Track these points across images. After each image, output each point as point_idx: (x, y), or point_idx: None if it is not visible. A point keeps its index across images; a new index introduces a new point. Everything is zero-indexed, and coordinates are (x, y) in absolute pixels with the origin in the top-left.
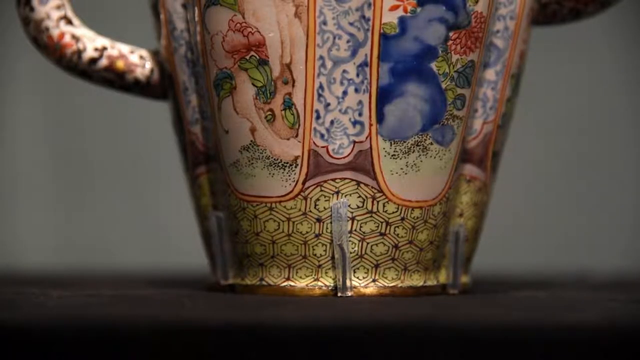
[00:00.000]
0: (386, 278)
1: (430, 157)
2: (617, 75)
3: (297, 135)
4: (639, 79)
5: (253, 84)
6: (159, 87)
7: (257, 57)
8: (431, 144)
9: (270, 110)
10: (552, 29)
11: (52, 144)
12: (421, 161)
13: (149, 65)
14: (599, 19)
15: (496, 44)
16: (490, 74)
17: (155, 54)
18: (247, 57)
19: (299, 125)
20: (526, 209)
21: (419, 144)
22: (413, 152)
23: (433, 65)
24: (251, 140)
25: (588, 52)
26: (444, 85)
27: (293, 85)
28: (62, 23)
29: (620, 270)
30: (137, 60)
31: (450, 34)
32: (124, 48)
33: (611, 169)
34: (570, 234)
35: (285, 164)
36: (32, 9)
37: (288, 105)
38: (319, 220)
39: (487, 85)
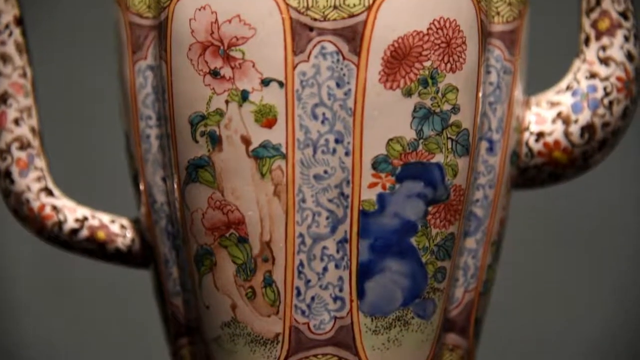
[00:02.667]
0: None
1: (412, 331)
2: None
3: (277, 312)
4: None
5: (233, 261)
6: (141, 256)
7: (237, 234)
8: (412, 318)
9: (251, 287)
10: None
11: None
12: (403, 336)
13: (130, 234)
14: None
15: (476, 213)
16: (470, 243)
17: (136, 223)
18: (227, 235)
19: (280, 302)
20: None
21: (400, 318)
22: (394, 327)
23: (413, 240)
24: (232, 317)
25: None
26: (424, 260)
27: (273, 263)
28: (43, 195)
29: None
30: (118, 229)
31: (430, 208)
32: (105, 218)
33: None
34: None
35: (266, 341)
36: (12, 182)
37: (268, 282)
38: None
39: (467, 254)
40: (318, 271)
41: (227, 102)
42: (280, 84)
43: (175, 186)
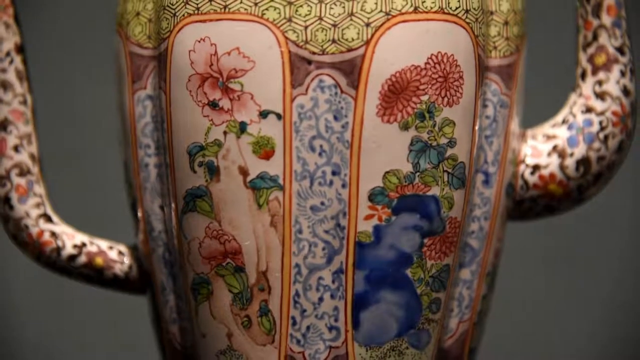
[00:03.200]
0: None
1: None
2: None
3: (273, 341)
4: None
5: (230, 290)
6: (138, 283)
7: (234, 264)
8: (407, 348)
9: (247, 316)
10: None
11: None
12: None
13: (127, 261)
14: None
15: (471, 245)
16: (465, 274)
17: (134, 250)
18: (224, 264)
19: (275, 332)
20: None
21: (395, 349)
22: (389, 356)
23: (408, 272)
24: (228, 345)
25: None
26: (419, 291)
27: (269, 292)
28: (42, 221)
29: None
30: (116, 256)
31: (425, 240)
32: (103, 244)
33: None
34: None
35: None
36: (11, 208)
37: (264, 311)
38: None
39: (462, 285)
40: (314, 301)
41: (225, 133)
42: (279, 116)
43: (173, 215)
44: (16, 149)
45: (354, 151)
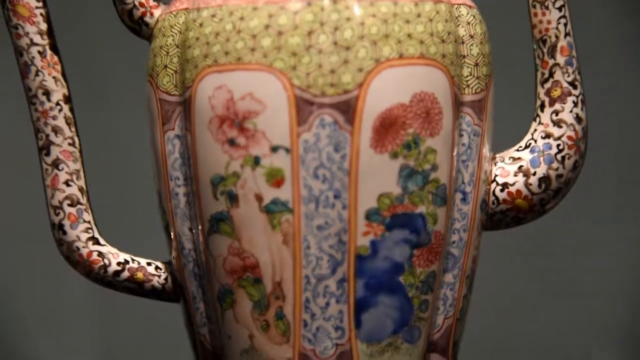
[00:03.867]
0: None
1: (402, 354)
2: None
3: (288, 341)
4: None
5: (250, 299)
6: (173, 293)
7: (253, 276)
8: (402, 343)
9: (265, 320)
10: None
11: None
12: (394, 358)
13: (163, 275)
14: None
15: (453, 253)
16: (448, 278)
17: (168, 265)
18: (244, 277)
19: (290, 333)
20: None
21: (392, 344)
22: (387, 351)
23: (401, 279)
24: (250, 345)
25: None
26: (410, 294)
27: (284, 300)
28: (90, 243)
29: None
30: (154, 270)
31: (414, 251)
32: (143, 261)
33: None
34: None
35: None
36: (64, 233)
37: (280, 316)
38: None
39: (446, 287)
40: (322, 306)
41: (242, 166)
42: (287, 150)
43: (200, 236)
44: (67, 183)
45: (352, 178)
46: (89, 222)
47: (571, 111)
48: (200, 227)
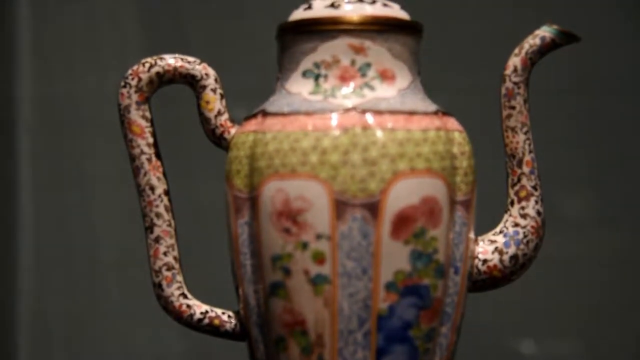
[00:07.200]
0: None
1: None
2: None
3: None
4: None
5: (298, 346)
6: (241, 335)
7: (301, 329)
8: None
9: None
10: None
11: None
12: None
13: (234, 322)
14: None
15: (447, 311)
16: (444, 330)
17: (237, 314)
18: (295, 329)
19: None
20: None
21: None
22: None
23: (410, 333)
24: None
25: None
26: (417, 344)
27: (323, 347)
28: (181, 298)
29: None
30: (227, 318)
31: (420, 312)
32: (219, 311)
33: None
34: None
35: None
36: (162, 290)
37: (320, 359)
38: None
39: (442, 336)
40: (351, 352)
41: (294, 248)
42: (328, 238)
43: (262, 296)
44: (165, 254)
45: (375, 259)
46: (180, 282)
47: (533, 207)
48: (262, 291)
